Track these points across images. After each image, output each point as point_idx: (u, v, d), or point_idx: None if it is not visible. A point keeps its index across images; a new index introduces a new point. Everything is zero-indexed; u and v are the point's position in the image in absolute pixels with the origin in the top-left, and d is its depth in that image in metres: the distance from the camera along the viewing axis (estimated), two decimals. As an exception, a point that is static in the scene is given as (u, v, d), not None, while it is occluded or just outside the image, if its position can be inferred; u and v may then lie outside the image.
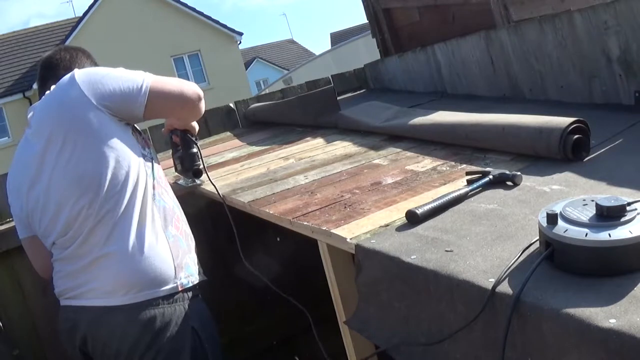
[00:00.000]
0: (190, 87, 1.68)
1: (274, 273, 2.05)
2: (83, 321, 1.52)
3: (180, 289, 1.54)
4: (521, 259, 0.97)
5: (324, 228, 1.35)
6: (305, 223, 1.41)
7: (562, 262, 0.90)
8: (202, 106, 1.75)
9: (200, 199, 2.15)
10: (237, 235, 1.87)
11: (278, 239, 2.79)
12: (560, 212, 0.94)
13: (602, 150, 1.54)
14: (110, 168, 1.49)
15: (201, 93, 1.72)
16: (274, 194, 1.74)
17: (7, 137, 15.94)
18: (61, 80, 1.55)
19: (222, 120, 3.08)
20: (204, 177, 2.00)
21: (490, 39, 2.62)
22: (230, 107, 3.14)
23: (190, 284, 1.57)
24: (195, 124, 1.93)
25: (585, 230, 0.88)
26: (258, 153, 2.42)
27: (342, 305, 1.49)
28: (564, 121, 1.52)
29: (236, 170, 2.17)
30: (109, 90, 1.53)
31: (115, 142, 1.51)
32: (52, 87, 1.57)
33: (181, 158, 1.97)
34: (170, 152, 2.07)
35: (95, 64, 1.72)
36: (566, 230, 0.89)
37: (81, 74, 1.54)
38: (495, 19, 2.86)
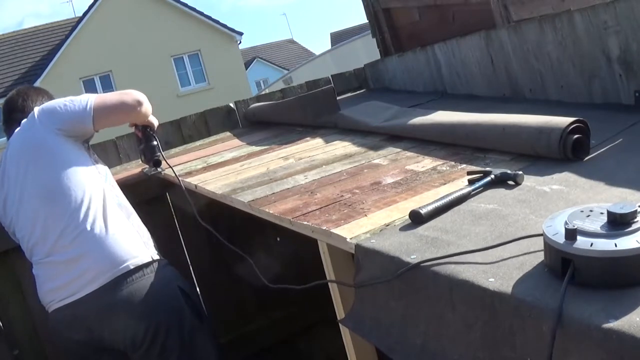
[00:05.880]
0: (129, 96, 1.99)
1: (275, 271, 2.05)
2: (85, 312, 1.75)
3: (152, 259, 1.82)
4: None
5: (324, 228, 1.35)
6: (305, 223, 1.41)
7: (586, 277, 0.84)
8: (145, 109, 2.04)
9: (199, 199, 2.15)
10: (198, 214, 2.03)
11: (278, 239, 2.80)
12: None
13: (602, 150, 1.54)
14: (70, 179, 1.79)
15: (141, 98, 2.01)
16: (273, 193, 1.74)
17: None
18: (28, 118, 1.89)
19: (222, 120, 3.08)
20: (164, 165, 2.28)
21: (490, 39, 2.62)
22: (230, 107, 3.14)
23: (160, 258, 1.88)
24: (154, 120, 2.19)
25: (612, 240, 0.83)
26: (258, 153, 2.42)
27: (342, 305, 1.48)
28: (563, 121, 1.52)
29: (236, 170, 2.17)
30: (61, 117, 1.86)
31: (71, 158, 1.84)
32: (21, 124, 1.91)
33: (143, 150, 2.24)
34: None
35: (51, 98, 2.03)
36: (592, 244, 0.83)
37: (38, 110, 1.89)
38: (495, 18, 2.86)
